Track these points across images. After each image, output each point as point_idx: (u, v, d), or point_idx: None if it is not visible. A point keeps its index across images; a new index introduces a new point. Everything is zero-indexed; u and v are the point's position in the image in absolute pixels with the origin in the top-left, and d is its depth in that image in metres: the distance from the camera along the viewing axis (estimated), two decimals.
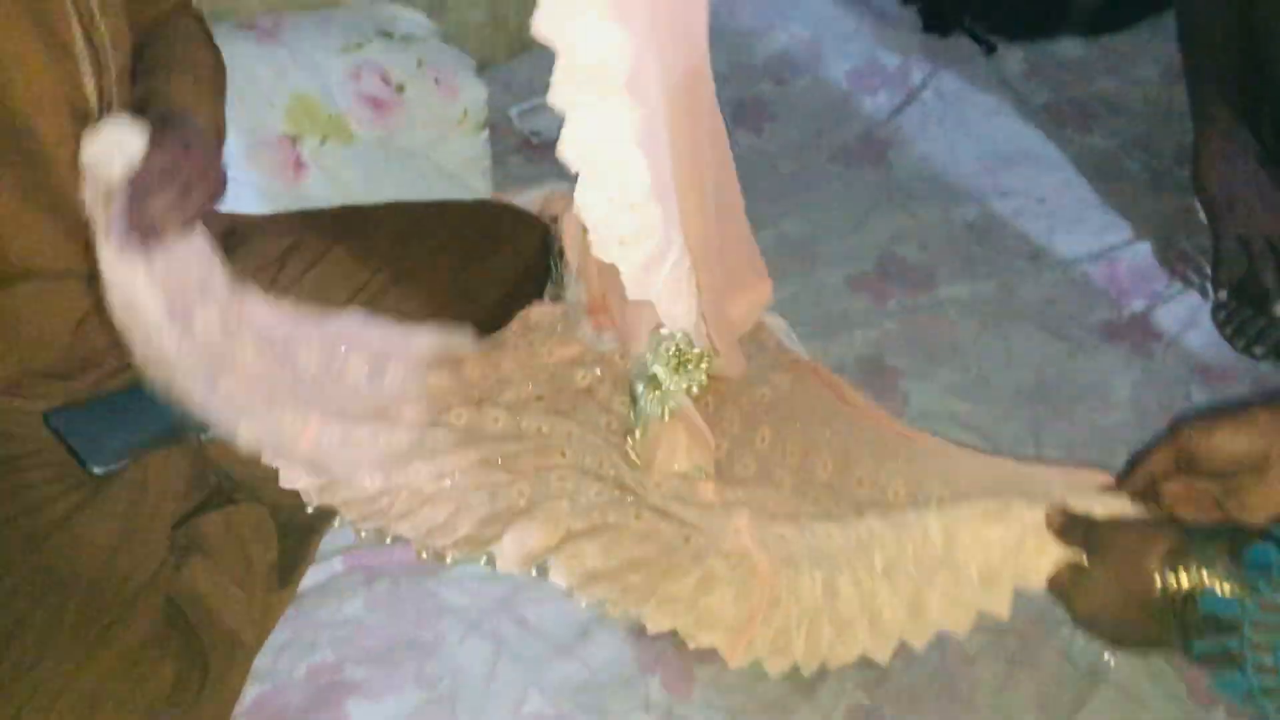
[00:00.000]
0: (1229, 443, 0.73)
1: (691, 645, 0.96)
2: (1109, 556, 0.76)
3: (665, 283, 0.89)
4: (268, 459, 1.00)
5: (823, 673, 0.94)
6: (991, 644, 0.97)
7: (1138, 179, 1.54)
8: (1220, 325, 1.28)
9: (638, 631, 0.97)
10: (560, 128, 0.79)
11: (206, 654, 0.87)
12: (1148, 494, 0.80)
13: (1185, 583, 0.70)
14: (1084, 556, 0.79)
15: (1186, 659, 0.70)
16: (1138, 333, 1.30)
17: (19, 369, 0.97)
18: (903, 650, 0.91)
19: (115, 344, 0.90)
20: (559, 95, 0.76)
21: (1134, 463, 0.81)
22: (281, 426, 1.00)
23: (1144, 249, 1.41)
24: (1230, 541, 0.70)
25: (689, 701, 0.94)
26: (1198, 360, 1.26)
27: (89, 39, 0.87)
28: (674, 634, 0.97)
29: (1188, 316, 1.31)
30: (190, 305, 0.90)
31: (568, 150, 0.78)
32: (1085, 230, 1.45)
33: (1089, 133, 1.63)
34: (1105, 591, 0.75)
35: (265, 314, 1.00)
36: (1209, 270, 1.32)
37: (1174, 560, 0.71)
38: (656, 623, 0.96)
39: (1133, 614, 0.73)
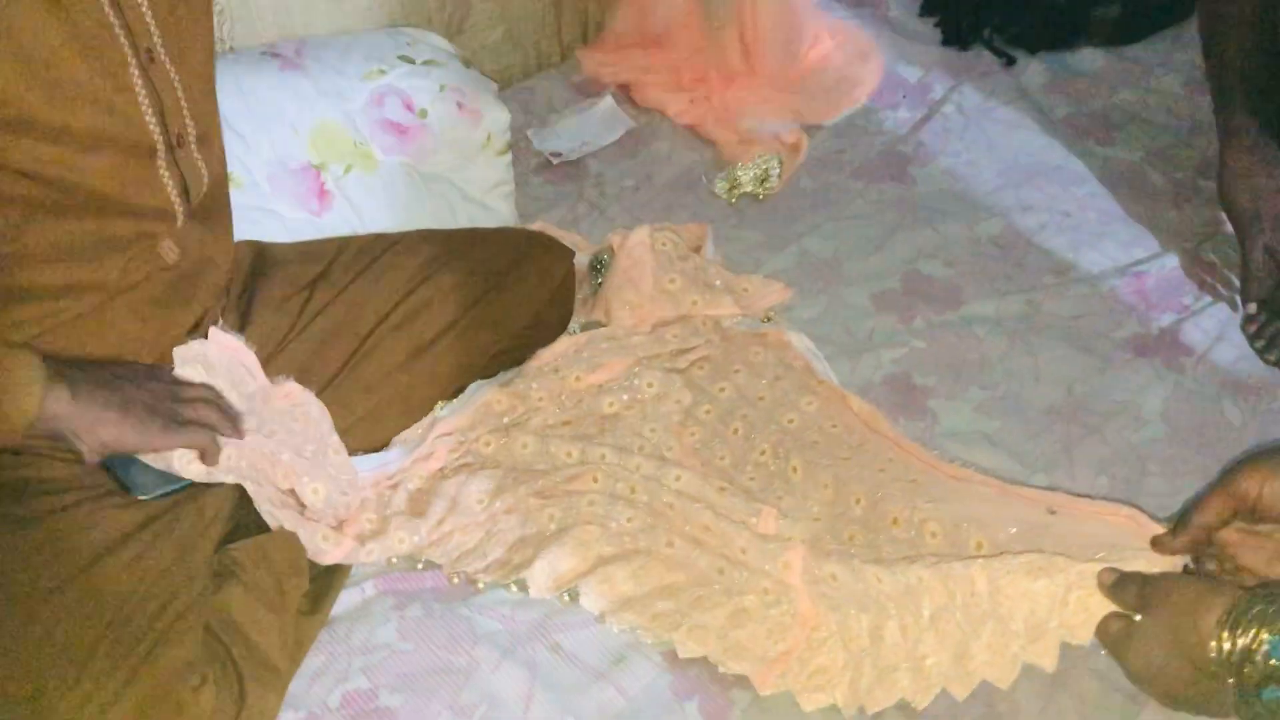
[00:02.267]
0: None
1: (721, 670, 0.95)
2: (1163, 615, 0.74)
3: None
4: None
5: (861, 714, 0.93)
6: (1033, 666, 0.95)
7: (1161, 191, 1.52)
8: (1250, 338, 1.27)
9: (673, 657, 0.97)
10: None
11: (243, 680, 0.87)
12: (1204, 545, 0.77)
13: (1241, 643, 0.68)
14: (1136, 614, 0.78)
15: (1248, 714, 0.68)
16: (1167, 347, 1.28)
17: None
18: (944, 695, 0.91)
19: None
20: None
21: (1188, 512, 0.79)
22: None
23: (1171, 262, 1.40)
24: None
25: None
26: (1229, 374, 1.25)
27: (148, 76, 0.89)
28: (707, 660, 0.96)
29: (1217, 330, 1.30)
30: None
31: None
32: (1111, 244, 1.44)
33: (1111, 145, 1.62)
34: (1159, 650, 0.74)
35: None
36: (1237, 282, 1.31)
37: (1231, 620, 0.69)
38: (687, 649, 0.96)
39: (1187, 673, 0.72)
